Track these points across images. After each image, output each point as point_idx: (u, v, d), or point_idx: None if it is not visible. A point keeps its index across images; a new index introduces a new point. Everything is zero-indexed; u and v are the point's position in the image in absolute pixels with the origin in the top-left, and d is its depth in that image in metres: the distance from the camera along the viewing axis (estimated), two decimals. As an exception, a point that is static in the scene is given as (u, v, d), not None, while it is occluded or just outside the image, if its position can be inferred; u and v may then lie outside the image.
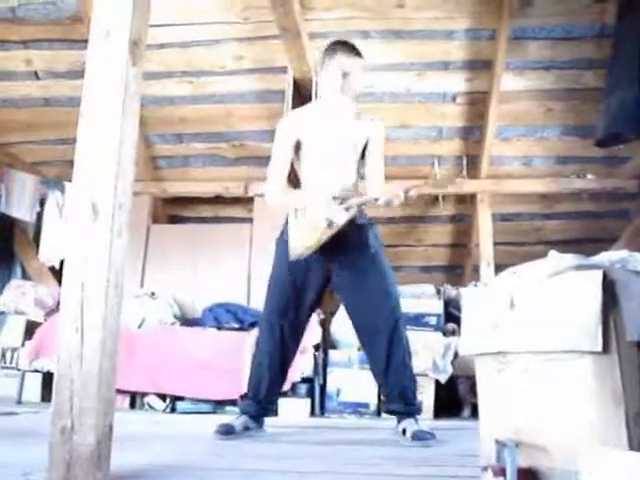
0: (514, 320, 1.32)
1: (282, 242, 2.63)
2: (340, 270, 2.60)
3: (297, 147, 2.65)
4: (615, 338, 1.15)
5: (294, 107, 4.08)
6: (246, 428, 2.62)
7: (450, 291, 4.65)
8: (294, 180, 2.74)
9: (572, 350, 1.19)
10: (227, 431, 2.54)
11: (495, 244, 4.88)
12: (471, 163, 4.99)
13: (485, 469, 1.18)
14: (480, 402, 1.46)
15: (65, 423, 1.40)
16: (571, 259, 1.24)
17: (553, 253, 1.30)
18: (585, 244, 4.81)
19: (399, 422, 2.59)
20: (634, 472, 0.94)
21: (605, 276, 1.17)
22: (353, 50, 2.58)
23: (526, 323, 1.29)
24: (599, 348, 1.15)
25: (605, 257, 1.25)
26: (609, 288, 1.17)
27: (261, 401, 2.67)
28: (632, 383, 1.11)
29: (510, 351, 1.33)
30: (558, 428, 1.22)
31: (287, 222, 2.62)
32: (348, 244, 2.55)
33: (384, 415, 3.89)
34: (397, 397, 2.60)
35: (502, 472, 1.14)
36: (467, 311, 1.50)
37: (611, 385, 1.13)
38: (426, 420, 3.78)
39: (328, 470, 1.83)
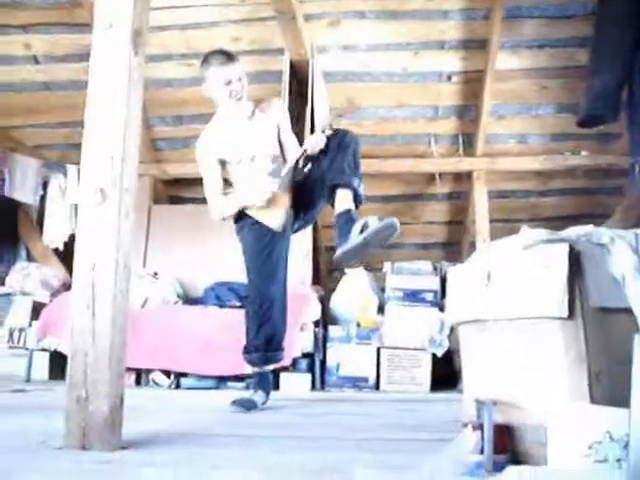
0: (491, 290, 1.43)
1: (245, 228, 2.78)
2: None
3: (222, 163, 2.77)
4: (580, 304, 1.25)
5: (291, 89, 4.14)
6: (263, 403, 2.74)
7: (447, 267, 4.74)
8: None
9: (542, 316, 1.30)
10: (249, 406, 2.64)
11: (491, 221, 4.96)
12: (467, 141, 5.06)
13: (465, 425, 1.29)
14: (463, 366, 1.58)
15: (80, 393, 1.50)
16: (541, 234, 1.35)
17: (525, 229, 1.41)
18: (580, 220, 4.86)
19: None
20: (595, 423, 1.05)
21: (571, 248, 1.28)
22: (225, 57, 2.68)
23: (501, 293, 1.40)
24: (565, 314, 1.26)
25: (572, 231, 1.36)
26: (575, 259, 1.28)
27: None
28: (595, 345, 1.23)
29: (488, 319, 1.45)
30: (530, 387, 1.33)
31: (239, 215, 2.77)
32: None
33: (383, 388, 4.03)
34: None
35: (480, 427, 1.26)
36: (451, 285, 1.62)
37: (576, 347, 1.24)
38: (422, 392, 3.92)
39: (325, 436, 1.94)
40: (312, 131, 4.04)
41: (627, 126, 3.89)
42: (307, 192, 2.73)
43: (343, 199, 2.60)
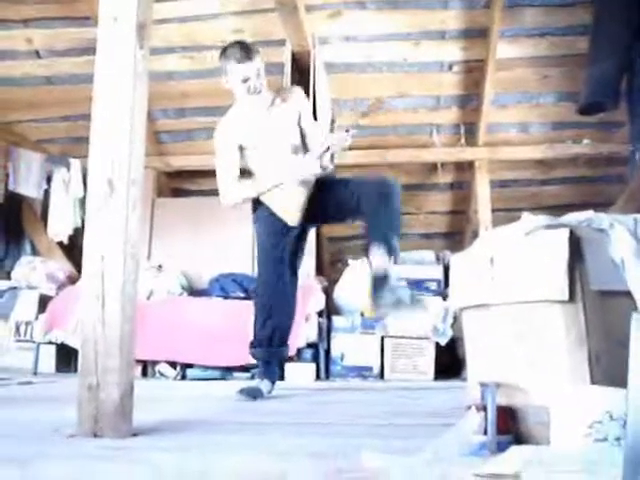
0: (494, 275, 1.47)
1: (261, 220, 2.82)
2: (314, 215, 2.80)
3: (240, 150, 2.78)
4: (580, 288, 1.29)
5: (293, 80, 4.15)
6: (269, 392, 2.77)
7: (450, 257, 4.76)
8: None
9: (543, 299, 1.34)
10: (255, 395, 2.66)
11: (493, 210, 4.98)
12: (469, 131, 5.07)
13: (469, 407, 1.32)
14: (467, 350, 1.62)
15: (91, 381, 1.54)
16: (542, 219, 1.38)
17: (527, 215, 1.44)
18: (581, 209, 4.86)
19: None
20: (595, 403, 1.09)
21: (572, 234, 1.32)
22: (244, 53, 2.64)
23: (504, 277, 1.44)
24: (566, 297, 1.29)
25: (572, 217, 1.39)
26: (575, 244, 1.31)
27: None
28: (594, 327, 1.27)
29: (491, 303, 1.48)
30: (532, 369, 1.36)
31: (257, 204, 2.80)
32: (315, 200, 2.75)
33: (387, 377, 4.06)
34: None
35: (484, 409, 1.29)
36: (454, 271, 1.66)
37: (577, 329, 1.28)
38: (426, 381, 3.95)
39: (332, 422, 1.97)
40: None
41: (628, 116, 3.90)
42: (333, 207, 2.76)
43: (380, 258, 2.59)
